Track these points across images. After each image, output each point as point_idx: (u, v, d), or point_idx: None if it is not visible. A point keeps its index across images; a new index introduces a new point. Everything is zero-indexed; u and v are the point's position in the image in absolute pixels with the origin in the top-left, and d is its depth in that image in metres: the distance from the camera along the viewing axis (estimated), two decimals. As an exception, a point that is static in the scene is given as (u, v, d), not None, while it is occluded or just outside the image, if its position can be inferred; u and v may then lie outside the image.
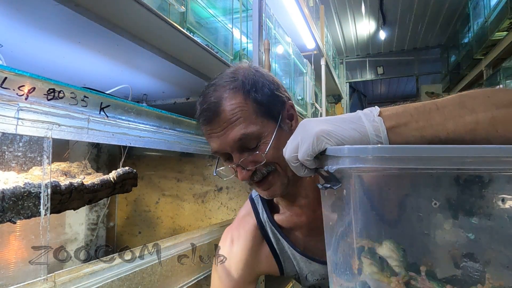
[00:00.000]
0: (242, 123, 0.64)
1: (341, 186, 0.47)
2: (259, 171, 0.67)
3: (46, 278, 0.53)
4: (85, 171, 0.93)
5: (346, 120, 0.48)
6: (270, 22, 2.23)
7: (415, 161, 0.41)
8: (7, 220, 0.62)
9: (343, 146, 0.45)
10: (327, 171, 0.48)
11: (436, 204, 0.43)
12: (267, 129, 0.66)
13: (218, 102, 0.65)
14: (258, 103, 0.66)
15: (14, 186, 0.63)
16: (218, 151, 0.68)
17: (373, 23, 5.84)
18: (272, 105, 0.68)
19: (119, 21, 0.72)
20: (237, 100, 0.65)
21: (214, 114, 0.65)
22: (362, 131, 0.46)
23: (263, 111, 0.66)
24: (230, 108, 0.65)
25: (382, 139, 0.46)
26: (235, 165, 0.67)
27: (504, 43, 3.82)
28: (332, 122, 0.47)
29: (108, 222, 1.61)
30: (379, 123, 0.46)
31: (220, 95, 0.66)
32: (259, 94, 0.66)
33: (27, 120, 0.52)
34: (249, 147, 0.66)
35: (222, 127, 0.65)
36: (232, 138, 0.64)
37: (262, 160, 0.65)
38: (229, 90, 0.66)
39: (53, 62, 1.00)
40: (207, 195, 1.53)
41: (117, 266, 0.66)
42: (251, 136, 0.64)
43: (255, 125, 0.65)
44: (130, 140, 0.74)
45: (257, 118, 0.65)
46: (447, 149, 0.41)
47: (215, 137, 0.67)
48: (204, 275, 0.96)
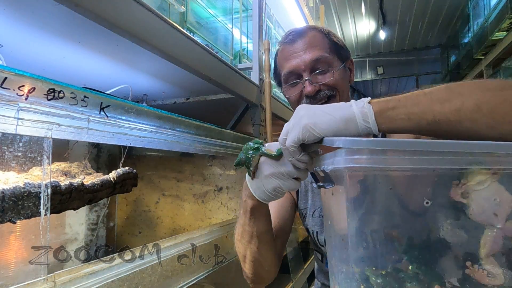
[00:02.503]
0: (320, 49, 0.79)
1: (334, 186, 0.48)
2: (323, 91, 0.78)
3: (46, 278, 0.53)
4: (85, 171, 0.93)
5: (337, 107, 0.51)
6: (270, 22, 2.24)
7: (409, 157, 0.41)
8: (7, 220, 0.62)
9: (337, 138, 0.45)
10: (323, 171, 0.48)
11: (427, 203, 0.43)
12: (336, 63, 0.80)
13: (304, 30, 0.82)
14: (332, 43, 0.81)
15: (14, 186, 0.63)
16: (294, 69, 0.80)
17: (373, 23, 5.84)
18: (342, 51, 0.83)
19: (119, 21, 0.72)
20: (318, 35, 0.81)
21: (300, 36, 0.81)
22: (350, 117, 0.49)
23: (335, 50, 0.81)
24: (312, 35, 0.81)
25: (370, 124, 0.49)
26: (306, 79, 0.79)
27: (504, 43, 3.82)
28: (324, 110, 0.51)
29: (108, 222, 1.61)
30: (367, 108, 0.49)
31: (305, 29, 0.83)
32: (333, 38, 0.82)
33: (27, 120, 0.52)
34: (320, 68, 0.79)
35: (303, 48, 0.79)
36: (311, 57, 0.78)
37: (329, 79, 0.77)
38: (313, 29, 0.83)
39: (53, 62, 1.00)
40: (207, 195, 1.53)
41: (117, 266, 0.66)
42: (325, 59, 0.78)
43: (329, 54, 0.79)
44: (130, 140, 0.74)
45: (330, 52, 0.80)
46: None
47: (295, 57, 0.80)
48: (204, 275, 0.96)
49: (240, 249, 0.76)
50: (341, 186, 0.46)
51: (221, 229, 1.07)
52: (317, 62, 0.78)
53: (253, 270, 0.75)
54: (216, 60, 1.14)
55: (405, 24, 5.88)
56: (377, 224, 0.45)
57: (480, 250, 0.42)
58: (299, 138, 0.50)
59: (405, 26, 5.95)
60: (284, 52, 0.83)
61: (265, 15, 1.70)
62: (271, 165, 0.58)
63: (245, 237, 0.72)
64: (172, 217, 1.57)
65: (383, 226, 0.45)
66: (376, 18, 5.64)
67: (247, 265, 0.76)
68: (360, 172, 0.43)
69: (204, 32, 1.47)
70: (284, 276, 1.92)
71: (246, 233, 0.71)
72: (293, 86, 0.82)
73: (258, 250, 0.71)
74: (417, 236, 0.44)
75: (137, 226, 1.62)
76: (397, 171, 0.43)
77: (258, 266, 0.74)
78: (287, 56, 0.81)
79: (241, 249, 0.75)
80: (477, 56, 4.62)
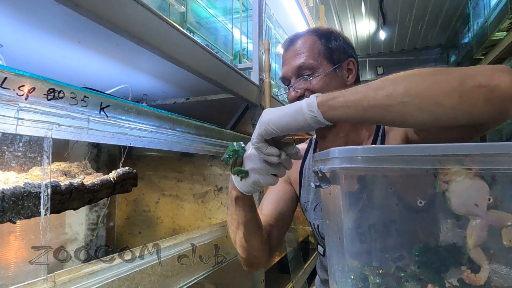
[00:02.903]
0: (306, 55, 0.81)
1: (330, 185, 0.49)
2: (306, 96, 0.80)
3: (46, 278, 0.53)
4: (85, 171, 0.93)
5: (290, 105, 0.59)
6: (270, 22, 2.24)
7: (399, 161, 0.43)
8: (7, 220, 0.62)
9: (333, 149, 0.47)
10: (320, 171, 0.49)
11: (421, 203, 0.43)
12: (323, 67, 0.82)
13: (297, 37, 0.86)
14: (324, 47, 0.83)
15: (14, 186, 0.63)
16: (284, 75, 0.85)
17: (373, 23, 5.84)
18: (335, 53, 0.84)
19: (119, 21, 0.72)
20: (310, 40, 0.84)
21: (291, 43, 0.85)
22: (298, 109, 0.57)
23: (326, 54, 0.83)
24: (303, 41, 0.84)
25: (315, 112, 0.55)
26: (289, 86, 0.84)
27: (504, 43, 3.82)
28: (281, 109, 0.59)
29: (108, 222, 1.61)
30: (312, 100, 0.57)
31: (301, 34, 0.87)
32: (327, 41, 0.84)
33: (27, 120, 0.52)
34: (304, 74, 0.82)
35: (292, 55, 0.83)
36: (294, 65, 0.82)
37: (308, 86, 0.80)
38: (308, 33, 0.86)
39: (53, 62, 1.00)
40: (207, 195, 1.53)
41: (117, 266, 0.66)
42: (308, 66, 0.81)
43: (314, 60, 0.81)
44: (130, 140, 0.74)
45: (318, 57, 0.82)
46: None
47: (285, 63, 0.85)
48: (204, 275, 0.96)
49: (231, 234, 0.83)
50: (337, 185, 0.46)
51: (221, 229, 1.07)
52: (300, 69, 0.81)
53: (242, 254, 0.82)
54: (216, 60, 1.14)
55: (405, 24, 5.88)
56: (373, 223, 0.45)
57: (467, 241, 0.43)
58: (260, 133, 0.59)
59: (405, 26, 5.95)
60: (282, 58, 0.89)
61: (265, 15, 1.70)
62: (252, 160, 0.65)
63: (233, 224, 0.79)
64: (172, 217, 1.57)
65: (379, 224, 0.45)
66: (376, 18, 5.65)
67: (238, 249, 0.82)
68: (355, 172, 0.44)
69: (204, 32, 1.47)
70: (284, 276, 1.92)
71: (234, 221, 0.78)
72: (287, 91, 0.88)
73: (245, 237, 0.78)
74: (415, 235, 0.44)
75: (137, 226, 1.62)
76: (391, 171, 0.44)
77: (246, 251, 0.81)
78: (282, 61, 0.88)
79: (232, 234, 0.82)
80: (477, 56, 4.62)
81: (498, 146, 0.41)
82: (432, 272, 0.43)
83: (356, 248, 0.45)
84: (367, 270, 0.44)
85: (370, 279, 0.44)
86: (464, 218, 0.43)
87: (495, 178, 0.42)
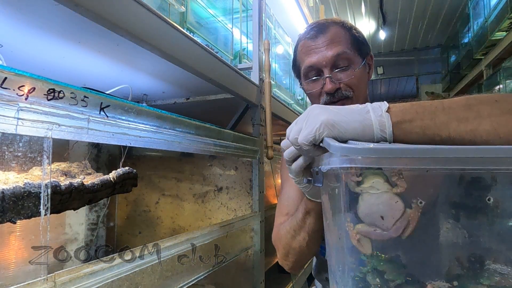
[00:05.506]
0: (342, 44, 0.79)
1: (321, 186, 0.51)
2: (342, 90, 0.79)
3: (46, 278, 0.53)
4: (85, 171, 0.93)
5: (355, 112, 0.48)
6: (270, 22, 2.24)
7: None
8: (7, 220, 0.62)
9: (333, 144, 0.45)
10: (319, 170, 0.49)
11: (421, 203, 0.43)
12: (356, 59, 0.80)
13: (327, 25, 0.82)
14: (354, 39, 0.81)
15: (14, 186, 0.63)
16: (315, 64, 0.80)
17: (373, 23, 5.84)
18: (363, 47, 0.82)
19: (119, 21, 0.72)
20: (341, 30, 0.81)
21: (322, 31, 0.80)
22: (367, 124, 0.47)
23: (356, 46, 0.81)
24: (334, 31, 0.80)
25: (387, 134, 0.46)
26: (326, 76, 0.79)
27: (504, 43, 3.83)
28: (340, 112, 0.48)
29: (108, 222, 1.61)
30: (386, 118, 0.47)
31: (329, 23, 0.83)
32: (356, 34, 0.82)
33: (27, 120, 0.52)
34: (342, 65, 0.79)
35: (325, 43, 0.79)
36: (332, 53, 0.78)
37: (350, 78, 0.77)
38: (335, 23, 0.83)
39: (53, 62, 1.00)
40: (207, 195, 1.53)
41: (117, 266, 0.66)
42: (347, 56, 0.78)
43: (351, 51, 0.79)
44: (130, 140, 0.74)
45: (352, 48, 0.80)
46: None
47: (316, 52, 0.80)
48: (204, 275, 0.96)
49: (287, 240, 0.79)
50: (337, 185, 0.46)
51: (221, 229, 1.07)
52: (338, 58, 0.78)
53: (296, 257, 0.80)
54: (216, 60, 1.14)
55: (405, 24, 5.88)
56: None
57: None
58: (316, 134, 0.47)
59: (405, 26, 5.95)
60: (306, 47, 0.83)
61: (265, 15, 1.70)
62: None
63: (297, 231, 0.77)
64: (172, 217, 1.57)
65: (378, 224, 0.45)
66: (376, 18, 5.65)
67: (290, 253, 0.80)
68: (355, 172, 0.44)
69: (204, 32, 1.47)
70: (284, 276, 1.92)
71: (299, 228, 0.76)
72: (313, 82, 0.82)
73: (307, 244, 0.76)
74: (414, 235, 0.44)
75: (137, 226, 1.62)
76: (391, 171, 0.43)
77: (301, 255, 0.79)
78: (308, 50, 0.82)
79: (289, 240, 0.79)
80: (477, 56, 4.62)
81: (498, 149, 0.40)
82: (432, 272, 0.43)
83: (356, 248, 0.45)
84: (366, 269, 0.44)
85: (369, 279, 0.44)
86: (462, 218, 0.43)
87: (495, 178, 0.42)
